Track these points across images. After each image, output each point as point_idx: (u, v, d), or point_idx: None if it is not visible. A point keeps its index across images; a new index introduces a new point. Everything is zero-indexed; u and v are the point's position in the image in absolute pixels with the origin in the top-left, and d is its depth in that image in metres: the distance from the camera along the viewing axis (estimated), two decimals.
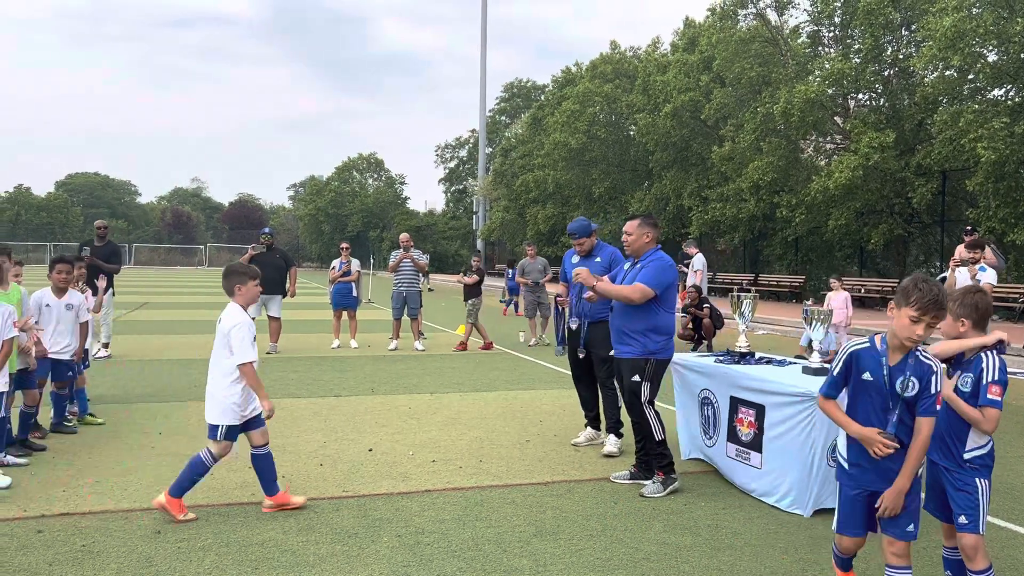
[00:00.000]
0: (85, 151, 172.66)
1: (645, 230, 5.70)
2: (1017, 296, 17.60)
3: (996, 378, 3.39)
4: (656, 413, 5.60)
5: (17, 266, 6.71)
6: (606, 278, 5.89)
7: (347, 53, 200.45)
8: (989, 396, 3.37)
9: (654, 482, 5.52)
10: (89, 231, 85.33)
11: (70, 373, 7.00)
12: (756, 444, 5.44)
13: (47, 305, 6.75)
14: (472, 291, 13.95)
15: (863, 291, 22.39)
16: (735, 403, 5.69)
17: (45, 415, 6.91)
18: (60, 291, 6.82)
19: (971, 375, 3.47)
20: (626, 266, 5.88)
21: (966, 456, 3.48)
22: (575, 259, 6.76)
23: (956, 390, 3.51)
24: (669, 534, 4.72)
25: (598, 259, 6.56)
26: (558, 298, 7.22)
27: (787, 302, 24.65)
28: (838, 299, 12.51)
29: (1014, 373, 10.38)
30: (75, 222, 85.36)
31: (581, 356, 6.72)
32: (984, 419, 3.39)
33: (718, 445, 5.89)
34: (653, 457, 5.57)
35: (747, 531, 4.81)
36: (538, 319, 14.79)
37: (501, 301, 28.03)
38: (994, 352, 3.49)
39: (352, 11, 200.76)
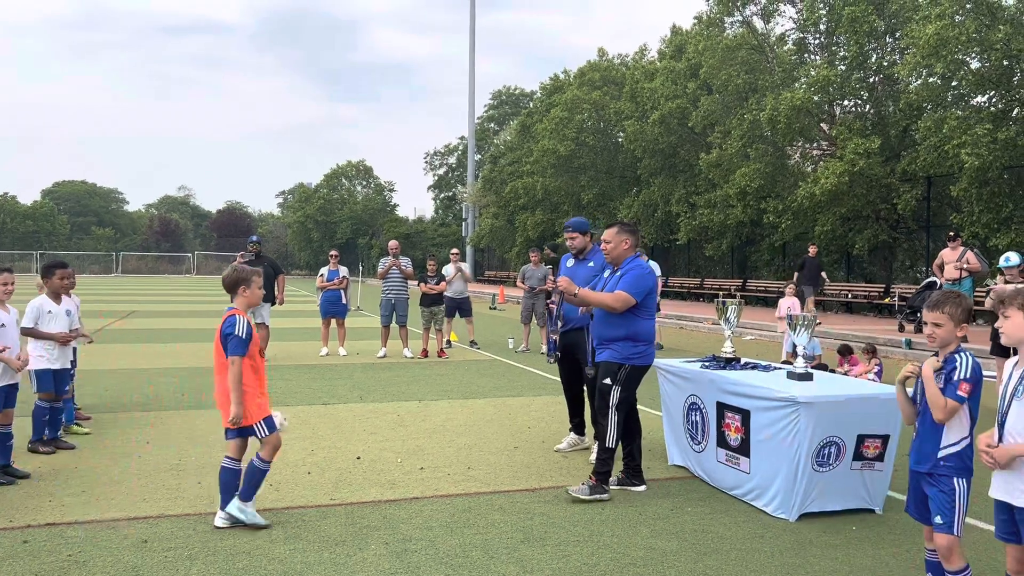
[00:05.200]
0: (72, 159, 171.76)
1: (624, 237, 5.73)
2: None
3: (967, 376, 3.49)
4: (619, 421, 5.58)
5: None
6: (587, 288, 5.93)
7: (339, 61, 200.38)
8: (958, 392, 3.48)
9: (584, 484, 5.55)
10: (76, 240, 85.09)
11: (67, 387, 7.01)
12: (744, 449, 5.48)
13: (49, 312, 6.69)
14: (434, 299, 13.66)
15: (850, 296, 22.54)
16: (721, 408, 5.73)
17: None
18: (58, 296, 6.79)
19: (943, 374, 3.57)
20: (606, 273, 5.91)
21: (940, 454, 3.56)
22: (570, 263, 6.80)
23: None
24: (655, 539, 4.75)
25: (591, 263, 6.59)
26: (550, 303, 7.25)
27: (775, 307, 24.74)
28: (785, 305, 12.50)
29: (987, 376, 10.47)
30: (62, 230, 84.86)
31: (552, 362, 6.78)
32: (944, 407, 3.48)
33: (708, 450, 5.92)
34: (598, 460, 5.57)
35: (733, 535, 4.84)
36: (532, 326, 14.80)
37: (491, 308, 28.06)
38: (967, 353, 3.58)
39: (345, 19, 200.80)
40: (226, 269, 5.05)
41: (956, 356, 3.57)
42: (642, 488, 5.79)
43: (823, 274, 18.08)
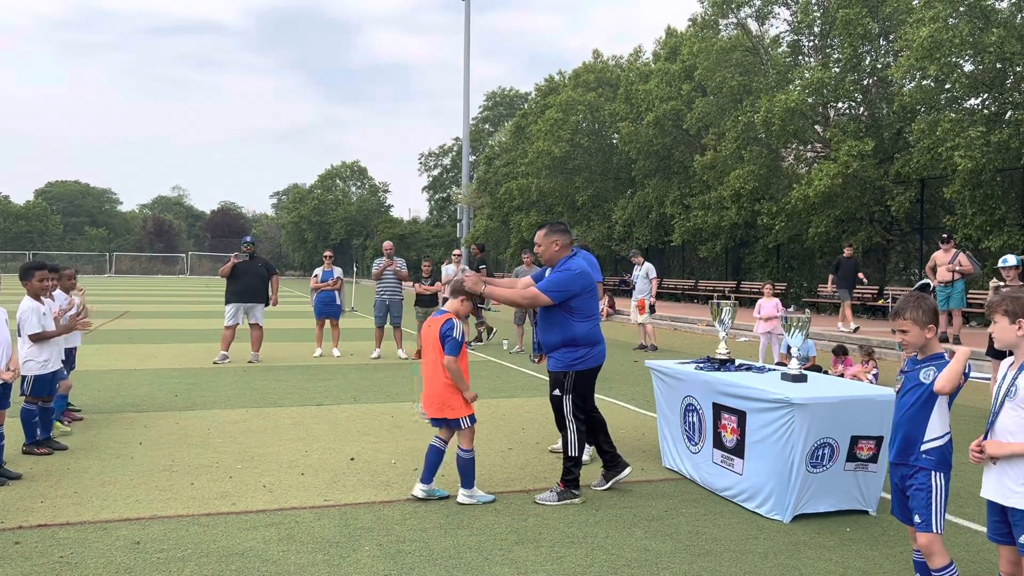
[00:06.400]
0: (65, 159, 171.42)
1: (553, 238, 5.58)
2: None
3: (965, 371, 3.53)
4: (578, 429, 5.54)
5: None
6: (509, 281, 5.91)
7: (335, 62, 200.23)
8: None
9: (552, 491, 5.49)
10: (69, 240, 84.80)
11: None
12: (739, 450, 5.48)
13: (44, 314, 6.68)
14: (429, 300, 13.63)
15: None
16: (718, 409, 5.73)
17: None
18: (38, 297, 6.75)
19: (934, 367, 3.60)
20: (547, 273, 5.75)
21: (923, 448, 3.59)
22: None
23: (918, 383, 3.62)
24: (650, 540, 4.74)
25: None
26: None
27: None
28: (768, 305, 12.50)
29: (977, 377, 10.50)
30: (55, 231, 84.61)
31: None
32: (955, 384, 3.49)
33: (704, 452, 5.91)
34: (564, 468, 5.51)
35: (727, 537, 4.84)
36: (527, 326, 14.80)
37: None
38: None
39: (342, 21, 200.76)
40: (456, 278, 5.51)
41: (946, 355, 3.61)
42: (628, 470, 5.78)
43: (860, 275, 16.59)
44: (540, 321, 5.65)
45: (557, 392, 5.56)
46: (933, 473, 3.57)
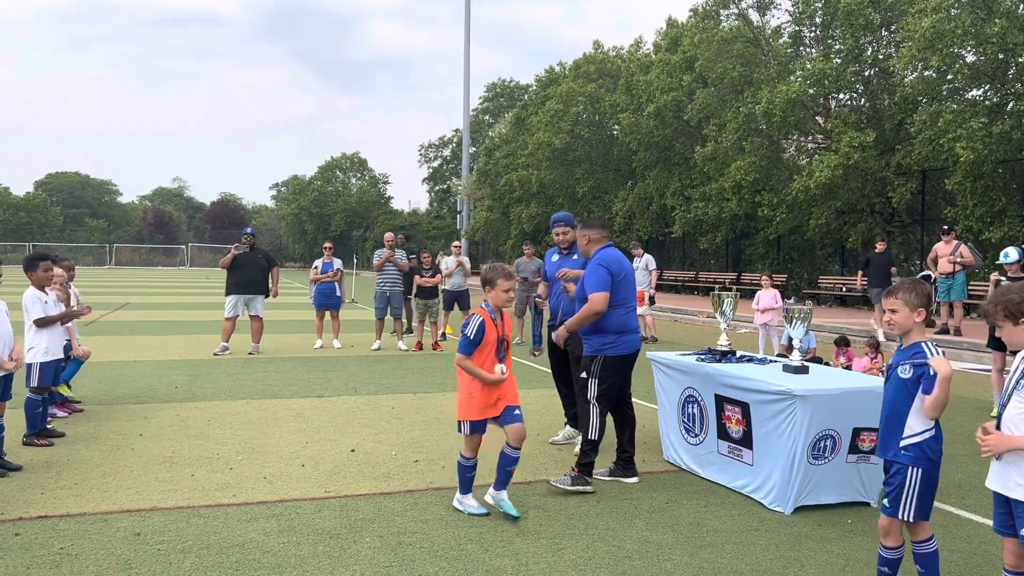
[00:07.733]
0: (65, 150, 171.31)
1: (583, 232, 6.03)
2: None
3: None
4: (601, 413, 5.61)
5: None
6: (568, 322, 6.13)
7: (335, 53, 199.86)
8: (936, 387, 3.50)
9: (566, 475, 5.58)
10: (69, 231, 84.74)
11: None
12: (747, 441, 5.46)
13: (46, 303, 6.68)
14: (430, 291, 13.65)
15: (844, 290, 22.57)
16: (720, 401, 5.71)
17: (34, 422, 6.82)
18: (43, 288, 6.74)
19: (910, 364, 3.56)
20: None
21: (903, 444, 3.58)
22: (555, 257, 6.83)
23: (896, 377, 3.60)
24: (651, 532, 4.73)
25: (575, 256, 6.61)
26: (536, 298, 7.28)
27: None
28: (767, 297, 12.52)
29: (978, 369, 10.48)
30: (55, 222, 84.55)
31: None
32: (939, 407, 3.50)
33: (707, 443, 5.89)
34: (581, 451, 5.59)
35: (728, 529, 4.83)
36: (527, 318, 14.76)
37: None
38: (931, 344, 3.60)
39: (342, 12, 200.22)
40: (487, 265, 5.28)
41: (923, 347, 3.57)
42: (634, 480, 5.79)
43: (893, 268, 14.92)
44: (578, 306, 5.80)
45: (584, 375, 5.70)
46: (910, 468, 3.55)
